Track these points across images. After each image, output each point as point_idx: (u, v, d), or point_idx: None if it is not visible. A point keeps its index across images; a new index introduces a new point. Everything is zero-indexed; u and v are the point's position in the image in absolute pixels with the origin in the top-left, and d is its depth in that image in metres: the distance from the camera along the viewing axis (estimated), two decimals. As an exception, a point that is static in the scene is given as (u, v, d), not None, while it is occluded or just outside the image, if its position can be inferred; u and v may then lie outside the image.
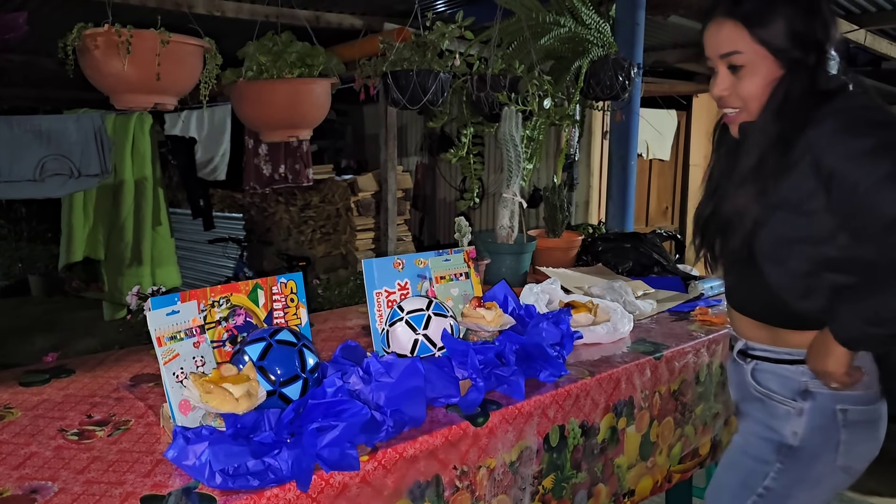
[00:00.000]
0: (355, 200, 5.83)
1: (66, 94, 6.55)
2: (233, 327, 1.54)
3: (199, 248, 6.96)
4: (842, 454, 1.39)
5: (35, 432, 1.43)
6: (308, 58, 2.42)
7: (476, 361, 1.60)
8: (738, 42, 1.31)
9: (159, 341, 1.35)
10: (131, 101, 2.06)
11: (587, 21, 2.87)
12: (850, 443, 1.38)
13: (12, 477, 1.24)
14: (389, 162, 5.00)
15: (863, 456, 1.41)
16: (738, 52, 1.31)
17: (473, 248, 2.01)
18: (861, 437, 1.39)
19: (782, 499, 1.44)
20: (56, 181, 4.31)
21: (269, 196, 6.52)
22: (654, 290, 2.56)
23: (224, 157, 5.62)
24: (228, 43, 2.41)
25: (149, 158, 5.02)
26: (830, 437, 1.39)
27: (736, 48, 1.31)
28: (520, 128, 2.57)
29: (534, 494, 1.70)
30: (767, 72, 1.31)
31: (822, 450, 1.40)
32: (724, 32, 1.32)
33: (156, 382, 1.71)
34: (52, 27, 2.32)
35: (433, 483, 1.46)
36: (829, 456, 1.39)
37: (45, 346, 5.61)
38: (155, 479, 1.24)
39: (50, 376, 1.76)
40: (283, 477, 1.21)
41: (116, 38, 1.90)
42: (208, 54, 2.15)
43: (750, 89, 1.33)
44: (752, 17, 1.29)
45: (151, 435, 1.42)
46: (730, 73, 1.34)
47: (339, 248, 6.03)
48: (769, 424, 1.46)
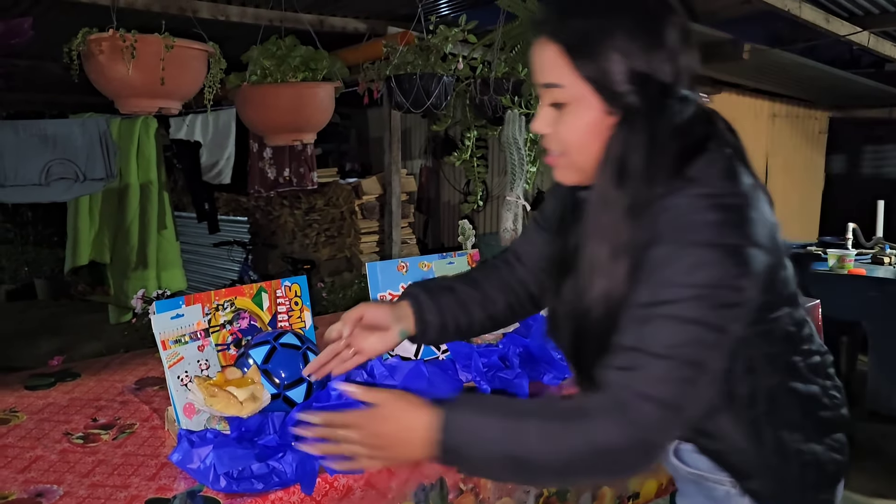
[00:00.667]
0: (359, 204, 5.84)
1: (72, 99, 6.57)
2: (237, 331, 1.54)
3: (204, 252, 6.97)
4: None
5: (40, 436, 1.43)
6: (312, 62, 2.42)
7: (480, 364, 1.60)
8: (561, 74, 1.01)
9: (164, 345, 1.36)
10: (136, 106, 2.07)
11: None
12: None
13: (18, 480, 1.25)
14: (393, 165, 5.00)
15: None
16: (558, 86, 1.01)
17: (477, 251, 2.01)
18: None
19: None
20: (61, 185, 4.33)
21: (273, 199, 6.54)
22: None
23: (229, 161, 5.64)
24: (232, 47, 2.42)
25: (154, 162, 5.03)
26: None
27: (557, 81, 1.01)
28: (523, 131, 2.57)
29: (538, 497, 1.70)
30: (594, 117, 1.01)
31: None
32: (546, 57, 1.02)
33: (160, 386, 1.71)
34: (57, 32, 2.33)
35: (437, 485, 1.46)
36: None
37: (51, 349, 5.63)
38: (160, 482, 1.24)
39: (55, 380, 1.76)
40: (287, 480, 1.22)
41: (121, 42, 1.91)
42: (212, 58, 2.16)
43: (570, 135, 1.03)
44: (578, 44, 0.99)
45: (156, 438, 1.43)
46: (552, 109, 1.05)
47: (343, 252, 6.04)
48: None
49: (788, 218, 7.37)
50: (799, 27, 4.04)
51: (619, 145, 0.99)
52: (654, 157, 0.97)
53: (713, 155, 0.99)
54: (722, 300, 0.91)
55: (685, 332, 0.91)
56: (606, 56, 0.97)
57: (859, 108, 7.66)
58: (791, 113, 7.31)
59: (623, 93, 0.98)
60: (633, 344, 0.93)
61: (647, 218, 0.96)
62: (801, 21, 3.79)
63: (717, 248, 0.91)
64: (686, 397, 0.92)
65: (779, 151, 7.21)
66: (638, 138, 0.98)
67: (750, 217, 0.93)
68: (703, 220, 0.92)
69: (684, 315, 0.91)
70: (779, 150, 7.21)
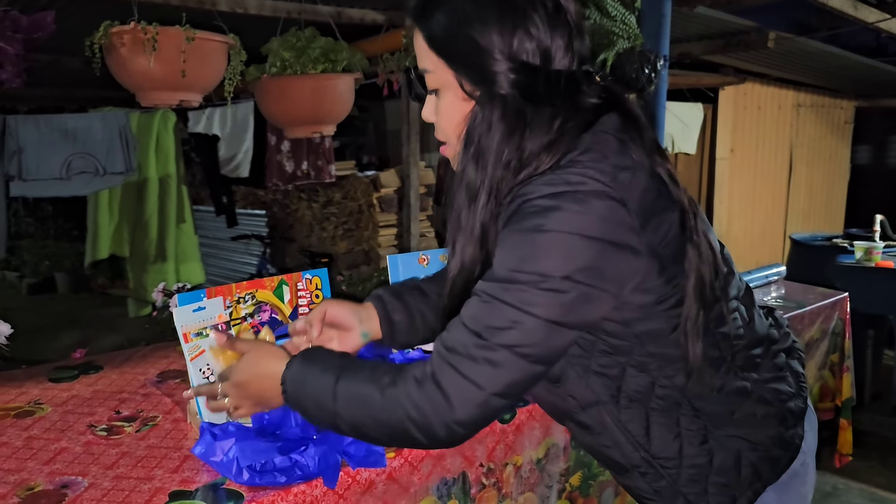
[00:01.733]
0: (378, 197, 5.83)
1: (92, 94, 6.61)
2: (258, 323, 1.53)
3: (223, 245, 7.00)
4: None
5: (65, 428, 1.44)
6: (332, 53, 2.41)
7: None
8: (428, 60, 1.00)
9: (185, 337, 1.36)
10: (157, 98, 2.07)
11: (612, 13, 2.83)
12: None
13: (43, 472, 1.25)
14: (412, 158, 4.99)
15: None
16: (428, 72, 1.02)
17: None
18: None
19: None
20: (82, 179, 4.36)
21: (291, 193, 6.55)
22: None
23: (247, 155, 5.65)
24: (252, 39, 2.41)
25: (173, 156, 5.06)
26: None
27: (427, 67, 1.01)
28: (544, 122, 2.55)
29: (560, 492, 1.68)
30: (457, 102, 1.00)
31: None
32: (418, 44, 1.02)
33: (182, 378, 1.71)
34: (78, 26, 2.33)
35: (459, 480, 1.45)
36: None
37: (72, 342, 5.69)
38: (183, 474, 1.24)
39: (78, 372, 1.77)
40: (309, 473, 1.21)
41: (142, 35, 1.91)
42: (233, 50, 2.15)
43: (445, 121, 1.03)
44: (431, 25, 0.98)
45: (179, 431, 1.43)
46: (433, 96, 1.05)
47: (361, 245, 6.04)
48: None
49: (813, 209, 7.29)
50: (825, 14, 3.98)
51: (473, 128, 0.98)
52: (507, 143, 0.95)
53: (586, 140, 0.94)
54: (547, 286, 0.89)
55: (499, 314, 0.91)
56: (465, 43, 0.95)
57: (886, 97, 7.53)
58: (816, 102, 7.21)
59: (482, 78, 0.95)
60: (457, 319, 0.95)
61: (496, 197, 0.96)
62: (828, 8, 3.72)
63: (546, 235, 0.89)
64: (490, 378, 0.91)
65: (804, 142, 7.12)
66: (488, 123, 0.96)
67: (589, 208, 0.88)
68: (537, 207, 0.90)
69: (500, 297, 0.91)
70: (804, 140, 7.12)
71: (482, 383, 0.91)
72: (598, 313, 0.95)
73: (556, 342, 0.94)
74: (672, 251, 0.96)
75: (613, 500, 1.83)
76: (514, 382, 0.93)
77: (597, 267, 0.90)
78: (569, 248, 0.89)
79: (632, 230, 0.91)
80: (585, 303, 0.92)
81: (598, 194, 0.89)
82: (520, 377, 0.93)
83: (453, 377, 0.92)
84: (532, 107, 0.96)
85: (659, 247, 0.94)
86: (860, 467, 3.33)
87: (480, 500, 1.50)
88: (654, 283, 0.95)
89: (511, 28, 0.94)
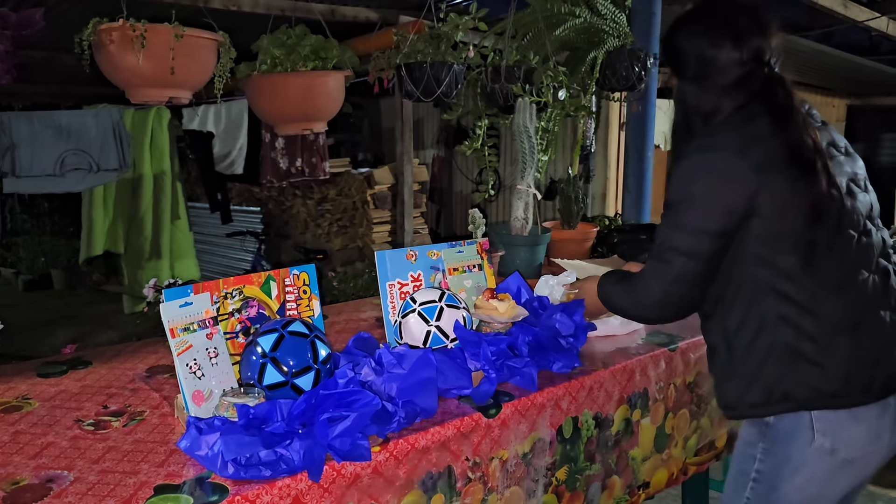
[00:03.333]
0: (372, 194, 5.84)
1: (86, 90, 6.61)
2: (245, 319, 1.55)
3: (218, 242, 7.01)
4: (820, 434, 1.33)
5: (52, 422, 1.45)
6: (322, 51, 2.42)
7: (489, 353, 1.59)
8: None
9: (172, 332, 1.37)
10: (146, 95, 2.07)
11: (603, 11, 2.84)
12: (826, 422, 1.33)
13: (29, 466, 1.26)
14: (405, 155, 5.00)
15: (853, 442, 1.33)
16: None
17: (486, 240, 2.00)
18: (840, 419, 1.33)
19: (774, 483, 1.39)
20: (76, 175, 4.36)
21: (286, 190, 6.55)
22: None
23: (241, 152, 5.65)
24: (243, 37, 2.41)
25: (167, 153, 5.06)
26: (801, 415, 1.35)
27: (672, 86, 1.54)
28: (534, 119, 2.55)
29: (547, 486, 1.70)
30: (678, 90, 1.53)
31: (795, 428, 1.35)
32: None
33: (171, 374, 1.72)
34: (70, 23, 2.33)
35: (445, 474, 1.46)
36: (806, 435, 1.34)
37: (67, 339, 5.69)
38: (169, 468, 1.25)
39: (67, 367, 1.78)
40: (294, 467, 1.22)
41: (131, 32, 1.91)
42: (222, 48, 2.16)
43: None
44: (666, 59, 1.52)
45: (166, 425, 1.44)
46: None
47: (355, 241, 6.04)
48: None
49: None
50: (816, 13, 3.99)
51: (678, 119, 1.50)
52: (689, 125, 1.46)
53: (738, 114, 1.38)
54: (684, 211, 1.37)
55: (666, 231, 1.41)
56: (674, 42, 1.46)
57: (878, 95, 7.55)
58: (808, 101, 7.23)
59: (679, 63, 1.46)
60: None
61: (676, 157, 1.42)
62: (818, 7, 3.74)
63: (692, 173, 1.36)
64: (663, 273, 1.42)
65: (795, 140, 7.12)
66: (685, 117, 1.48)
67: (716, 158, 1.34)
68: (683, 159, 1.38)
69: (666, 221, 1.41)
70: (795, 138, 7.12)
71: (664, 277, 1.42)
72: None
73: (699, 253, 1.38)
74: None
75: (600, 494, 1.85)
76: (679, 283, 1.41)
77: (722, 204, 1.33)
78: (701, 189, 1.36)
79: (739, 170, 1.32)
80: (718, 227, 1.35)
81: (724, 149, 1.34)
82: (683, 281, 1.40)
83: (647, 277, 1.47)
84: (707, 87, 1.43)
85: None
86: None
87: (466, 493, 1.51)
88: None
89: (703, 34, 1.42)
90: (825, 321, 1.31)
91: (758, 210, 1.30)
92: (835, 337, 1.31)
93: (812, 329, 1.31)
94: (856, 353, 1.31)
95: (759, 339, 1.34)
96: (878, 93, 7.47)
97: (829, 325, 1.31)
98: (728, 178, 1.31)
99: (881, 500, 3.12)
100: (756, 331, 1.34)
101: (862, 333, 1.32)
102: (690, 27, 1.44)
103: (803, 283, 1.31)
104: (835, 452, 1.33)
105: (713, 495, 2.58)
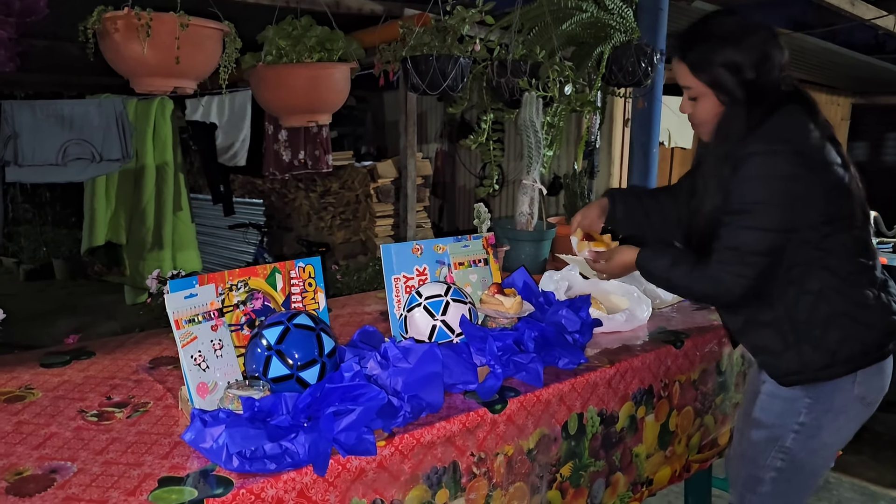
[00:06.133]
0: (375, 187, 5.83)
1: (89, 80, 6.59)
2: (250, 311, 1.54)
3: (220, 234, 7.00)
4: (858, 385, 1.60)
5: (55, 413, 1.44)
6: (327, 42, 2.40)
7: (494, 348, 1.59)
8: (689, 81, 1.62)
9: (177, 324, 1.36)
10: (150, 85, 2.05)
11: (610, 6, 2.82)
12: (864, 374, 1.60)
13: (32, 457, 1.25)
14: (409, 149, 4.97)
15: (875, 388, 1.63)
16: (689, 88, 1.63)
17: (492, 235, 1.99)
18: (872, 371, 1.61)
19: (815, 432, 1.63)
20: (78, 165, 4.34)
21: (289, 182, 6.53)
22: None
23: (244, 143, 5.63)
24: (248, 28, 2.39)
25: (170, 144, 5.04)
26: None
27: (689, 85, 1.63)
28: (540, 114, 2.54)
29: (551, 482, 1.69)
30: (712, 102, 1.61)
31: (842, 382, 1.60)
32: (681, 71, 1.64)
33: (174, 365, 1.72)
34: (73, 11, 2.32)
35: (450, 469, 1.46)
36: (848, 387, 1.60)
37: (68, 329, 5.69)
38: (173, 461, 1.25)
39: (70, 358, 1.77)
40: (299, 461, 1.21)
41: (136, 21, 1.89)
42: (227, 38, 2.14)
43: (701, 114, 1.64)
44: (694, 62, 1.60)
45: (170, 417, 1.43)
46: (689, 100, 1.66)
47: (358, 235, 6.03)
48: None
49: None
50: (823, 10, 3.96)
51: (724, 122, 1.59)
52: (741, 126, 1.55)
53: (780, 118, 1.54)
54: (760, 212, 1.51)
55: (745, 234, 1.53)
56: (714, 70, 1.57)
57: (883, 94, 7.53)
58: (812, 99, 7.20)
59: (724, 92, 1.57)
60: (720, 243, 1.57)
61: (733, 161, 1.53)
62: (825, 4, 3.72)
63: (763, 179, 1.50)
64: (742, 276, 1.54)
65: (799, 138, 7.10)
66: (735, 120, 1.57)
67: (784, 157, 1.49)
68: (753, 162, 1.51)
69: (744, 223, 1.53)
70: (799, 136, 7.09)
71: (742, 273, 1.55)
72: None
73: (773, 246, 1.54)
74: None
75: (604, 490, 1.84)
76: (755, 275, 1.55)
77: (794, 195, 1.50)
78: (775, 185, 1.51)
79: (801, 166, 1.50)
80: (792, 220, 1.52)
81: (788, 147, 1.50)
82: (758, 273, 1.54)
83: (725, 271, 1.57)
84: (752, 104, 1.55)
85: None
86: (852, 461, 3.35)
87: (471, 489, 1.51)
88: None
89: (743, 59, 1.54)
90: (869, 288, 1.58)
91: (815, 200, 1.51)
92: (876, 299, 1.58)
93: (860, 297, 1.57)
94: (886, 310, 1.60)
95: (818, 311, 1.57)
96: (882, 92, 7.44)
97: (872, 291, 1.58)
98: (795, 178, 1.49)
99: (883, 500, 3.12)
100: (813, 304, 1.56)
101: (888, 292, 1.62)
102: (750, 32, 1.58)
103: (848, 258, 1.56)
104: (864, 398, 1.63)
105: (715, 492, 2.58)
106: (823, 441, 1.66)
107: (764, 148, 1.51)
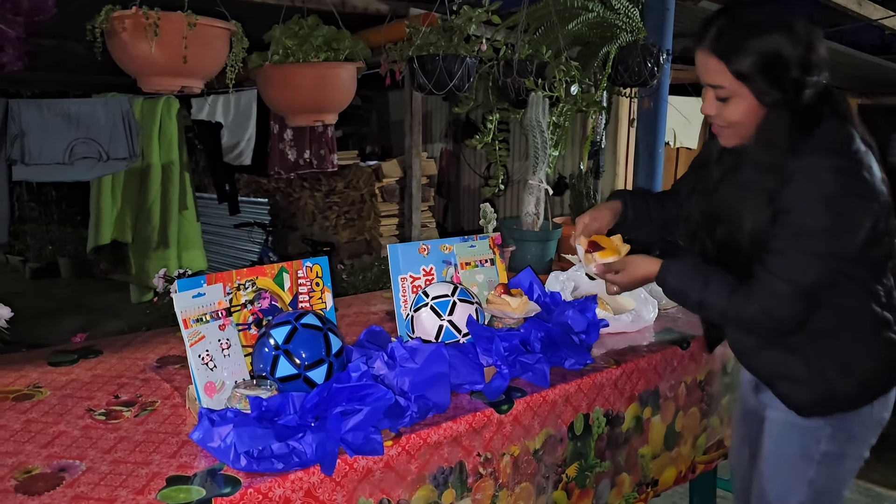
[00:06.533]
0: (380, 186, 5.83)
1: (96, 79, 6.60)
2: (258, 310, 1.54)
3: (225, 233, 7.01)
4: (877, 409, 1.51)
5: (63, 411, 1.45)
6: (334, 42, 2.40)
7: (501, 348, 1.59)
8: (722, 78, 1.39)
9: (185, 323, 1.36)
10: (158, 84, 2.06)
11: (616, 6, 2.82)
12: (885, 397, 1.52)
13: (41, 455, 1.26)
14: (414, 148, 4.98)
15: (888, 406, 1.54)
16: (722, 87, 1.40)
17: (499, 235, 1.99)
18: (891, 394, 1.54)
19: (838, 460, 1.54)
20: (85, 164, 4.35)
21: (294, 181, 6.54)
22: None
23: (250, 142, 5.64)
24: (255, 27, 2.40)
25: (176, 143, 5.05)
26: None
27: (720, 83, 1.40)
28: (546, 114, 2.54)
29: (557, 482, 1.69)
30: (749, 103, 1.40)
31: (865, 409, 1.51)
32: (710, 66, 1.41)
33: (182, 364, 1.72)
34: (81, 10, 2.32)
35: (457, 469, 1.46)
36: (870, 412, 1.51)
37: (74, 327, 5.71)
38: (181, 460, 1.25)
39: (78, 356, 1.78)
40: (307, 460, 1.22)
41: (144, 20, 1.90)
42: (235, 37, 2.14)
43: (734, 117, 1.43)
44: (730, 54, 1.37)
45: (177, 416, 1.43)
46: (716, 100, 1.44)
47: (363, 234, 6.04)
48: None
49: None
50: (829, 10, 3.95)
51: (768, 126, 1.40)
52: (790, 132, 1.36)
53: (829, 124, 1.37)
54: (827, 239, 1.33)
55: (806, 261, 1.35)
56: (752, 61, 1.34)
57: (889, 95, 7.50)
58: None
59: (768, 90, 1.36)
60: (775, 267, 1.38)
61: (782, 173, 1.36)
62: (832, 4, 3.71)
63: (827, 199, 1.31)
64: (798, 307, 1.38)
65: (805, 139, 7.08)
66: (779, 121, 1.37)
67: (853, 174, 1.32)
68: (819, 179, 1.32)
69: (808, 249, 1.34)
70: (805, 136, 7.08)
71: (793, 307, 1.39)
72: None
73: (824, 272, 1.38)
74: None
75: (609, 491, 1.84)
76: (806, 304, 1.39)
77: (858, 217, 1.34)
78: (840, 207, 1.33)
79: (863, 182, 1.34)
80: (848, 244, 1.35)
81: (853, 164, 1.33)
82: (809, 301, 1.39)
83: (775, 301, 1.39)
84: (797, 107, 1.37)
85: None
86: (856, 463, 3.34)
87: (477, 489, 1.51)
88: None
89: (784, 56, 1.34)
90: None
91: (868, 220, 1.36)
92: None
93: (889, 316, 1.46)
94: None
95: (845, 332, 1.45)
96: (889, 92, 7.41)
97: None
98: (860, 196, 1.33)
99: (888, 501, 3.11)
100: (842, 324, 1.45)
101: None
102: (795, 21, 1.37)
103: (880, 274, 1.45)
104: (881, 422, 1.54)
105: (720, 493, 2.57)
106: (847, 468, 1.56)
107: (829, 163, 1.32)
